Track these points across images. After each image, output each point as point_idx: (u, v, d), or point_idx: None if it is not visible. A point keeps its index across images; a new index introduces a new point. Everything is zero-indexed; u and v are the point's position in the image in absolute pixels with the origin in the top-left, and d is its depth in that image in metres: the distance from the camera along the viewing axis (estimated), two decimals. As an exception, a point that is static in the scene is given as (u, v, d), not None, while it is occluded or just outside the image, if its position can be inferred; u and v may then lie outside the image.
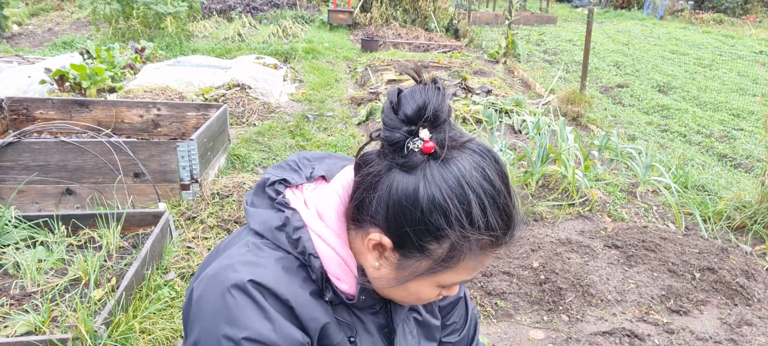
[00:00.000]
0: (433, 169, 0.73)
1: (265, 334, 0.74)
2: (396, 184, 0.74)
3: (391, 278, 0.80)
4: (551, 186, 3.74)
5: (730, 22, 14.86)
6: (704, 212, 3.49)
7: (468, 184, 0.72)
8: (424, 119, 0.73)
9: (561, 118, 4.41)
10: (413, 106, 0.73)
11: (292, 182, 0.88)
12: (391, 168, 0.75)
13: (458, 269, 0.78)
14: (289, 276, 0.79)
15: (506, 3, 11.00)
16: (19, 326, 1.95)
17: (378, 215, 0.76)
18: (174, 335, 2.10)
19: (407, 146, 0.73)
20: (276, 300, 0.77)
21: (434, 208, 0.72)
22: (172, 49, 7.95)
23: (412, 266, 0.77)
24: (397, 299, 0.87)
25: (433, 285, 0.81)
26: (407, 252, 0.77)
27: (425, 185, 0.72)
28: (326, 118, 5.32)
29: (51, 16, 10.73)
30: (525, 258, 2.79)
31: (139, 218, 2.72)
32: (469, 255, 0.75)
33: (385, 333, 0.94)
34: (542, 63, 9.26)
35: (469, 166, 0.73)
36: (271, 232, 0.83)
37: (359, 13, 11.54)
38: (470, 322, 1.16)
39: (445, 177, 0.72)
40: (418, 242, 0.75)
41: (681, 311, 2.48)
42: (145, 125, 4.03)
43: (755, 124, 6.09)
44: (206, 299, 0.77)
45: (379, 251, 0.80)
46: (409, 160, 0.73)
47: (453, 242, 0.73)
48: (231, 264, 0.78)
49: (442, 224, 0.72)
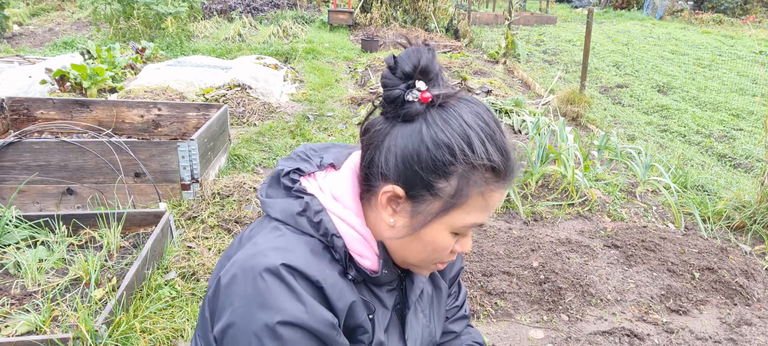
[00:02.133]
0: (433, 114, 0.80)
1: (298, 316, 0.77)
2: (401, 133, 0.80)
3: (408, 228, 0.84)
4: (551, 186, 3.75)
5: (730, 23, 14.87)
6: (704, 212, 3.49)
7: (466, 123, 0.79)
8: (418, 72, 0.80)
9: (561, 119, 4.42)
10: (408, 63, 0.80)
11: (306, 170, 0.92)
12: (394, 123, 0.81)
13: (468, 207, 0.82)
14: (317, 258, 0.82)
15: (506, 3, 11.00)
16: (20, 325, 1.95)
17: (388, 168, 0.82)
18: (174, 335, 2.10)
19: (406, 99, 0.80)
20: (307, 282, 0.79)
21: (439, 145, 0.78)
22: (172, 49, 7.96)
23: (425, 209, 0.82)
24: (416, 258, 0.89)
25: (447, 230, 0.84)
26: (419, 196, 0.81)
27: (427, 127, 0.79)
28: (326, 119, 5.33)
29: (52, 16, 10.74)
30: (525, 258, 2.79)
31: (140, 218, 2.72)
32: (475, 190, 0.80)
33: (398, 310, 0.98)
34: (542, 63, 9.27)
35: (465, 109, 0.81)
36: (292, 218, 0.86)
37: (359, 14, 11.55)
38: (463, 291, 1.26)
39: (445, 118, 0.79)
40: (427, 182, 0.80)
41: (680, 311, 2.49)
42: (146, 125, 4.03)
43: (755, 124, 6.10)
44: (237, 284, 0.79)
45: (392, 206, 0.84)
46: (410, 110, 0.80)
47: (460, 174, 0.79)
48: (261, 250, 0.81)
49: (448, 159, 0.78)
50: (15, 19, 9.73)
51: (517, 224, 3.25)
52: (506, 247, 2.90)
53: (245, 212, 3.11)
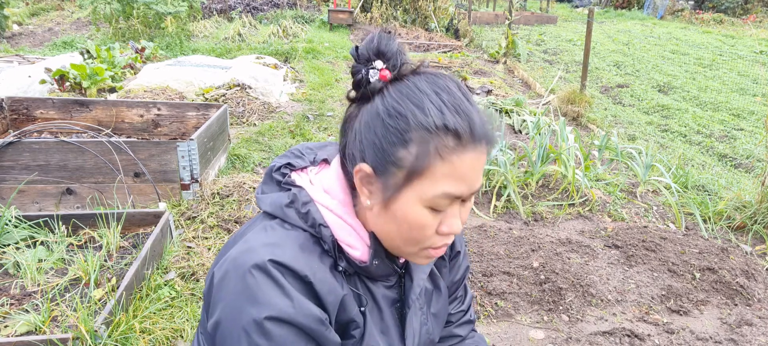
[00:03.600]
0: (390, 88, 0.81)
1: (286, 311, 0.78)
2: (364, 112, 0.83)
3: (381, 206, 0.84)
4: (551, 186, 3.74)
5: (731, 22, 14.86)
6: (704, 212, 3.49)
7: (421, 90, 0.80)
8: (375, 54, 0.82)
9: (561, 118, 4.41)
10: (367, 48, 0.83)
11: (297, 165, 0.95)
12: (360, 107, 0.84)
13: (434, 175, 0.79)
14: (306, 253, 0.83)
15: (506, 3, 11.00)
16: (20, 325, 1.95)
17: (356, 149, 0.83)
18: (174, 335, 2.10)
19: (367, 79, 0.82)
20: (295, 277, 0.80)
21: (392, 114, 0.79)
22: (172, 48, 7.95)
23: (391, 183, 0.81)
24: (397, 240, 0.87)
25: (418, 203, 0.82)
26: (385, 171, 0.81)
27: (383, 100, 0.81)
28: (326, 118, 5.32)
29: (51, 15, 10.74)
30: (525, 258, 2.79)
31: (140, 218, 2.72)
32: (436, 155, 0.78)
33: (397, 308, 0.98)
34: (542, 63, 9.26)
35: (422, 81, 0.81)
36: (281, 210, 0.88)
37: (359, 13, 11.54)
38: (469, 294, 1.26)
39: (400, 89, 0.81)
40: (389, 154, 0.80)
41: (681, 311, 2.48)
42: (146, 125, 4.03)
43: (755, 124, 6.09)
44: (228, 280, 0.81)
45: (366, 186, 0.84)
46: (371, 89, 0.82)
47: (417, 141, 0.78)
48: (251, 247, 0.82)
49: (402, 126, 0.78)
50: (14, 19, 9.73)
51: (517, 224, 3.24)
52: (506, 247, 2.90)
53: (245, 212, 3.11)
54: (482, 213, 3.36)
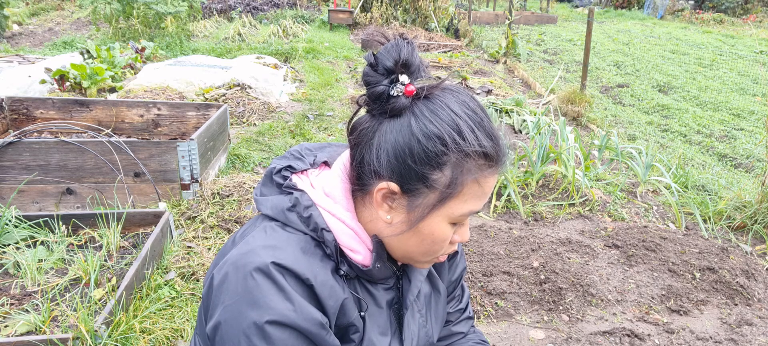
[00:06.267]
0: (420, 106, 0.80)
1: (287, 314, 0.77)
2: (390, 129, 0.80)
3: (406, 223, 0.84)
4: (551, 186, 3.74)
5: (731, 22, 14.86)
6: (704, 212, 3.49)
7: (454, 112, 0.79)
8: (400, 66, 0.80)
9: (561, 118, 4.41)
10: (389, 58, 0.80)
11: (297, 168, 0.93)
12: (381, 120, 0.81)
13: (464, 195, 0.82)
14: (308, 256, 0.82)
15: (506, 3, 11.00)
16: (20, 325, 1.95)
17: (380, 165, 0.81)
18: (174, 335, 2.10)
19: (391, 94, 0.79)
20: (297, 281, 0.79)
21: (430, 137, 0.78)
22: (172, 48, 7.95)
23: (422, 202, 0.82)
24: (416, 252, 0.88)
25: (444, 221, 0.84)
26: (414, 190, 0.81)
27: (416, 120, 0.79)
28: (326, 118, 5.32)
29: (51, 15, 10.74)
30: (525, 258, 2.79)
31: (140, 218, 2.72)
32: (470, 177, 0.80)
33: (395, 309, 0.98)
34: (542, 63, 9.26)
35: (451, 99, 0.81)
36: (282, 214, 0.86)
37: (359, 13, 11.54)
38: (466, 293, 1.26)
39: (433, 110, 0.79)
40: (421, 175, 0.80)
41: (681, 311, 2.48)
42: (146, 125, 4.03)
43: (755, 124, 6.09)
44: (228, 283, 0.79)
45: (388, 202, 0.84)
46: (396, 105, 0.80)
47: (453, 164, 0.79)
48: (252, 249, 0.81)
49: (440, 149, 0.78)
50: (15, 19, 9.73)
51: (517, 224, 3.24)
52: (507, 247, 2.90)
53: (245, 211, 3.11)
54: (482, 213, 3.36)
